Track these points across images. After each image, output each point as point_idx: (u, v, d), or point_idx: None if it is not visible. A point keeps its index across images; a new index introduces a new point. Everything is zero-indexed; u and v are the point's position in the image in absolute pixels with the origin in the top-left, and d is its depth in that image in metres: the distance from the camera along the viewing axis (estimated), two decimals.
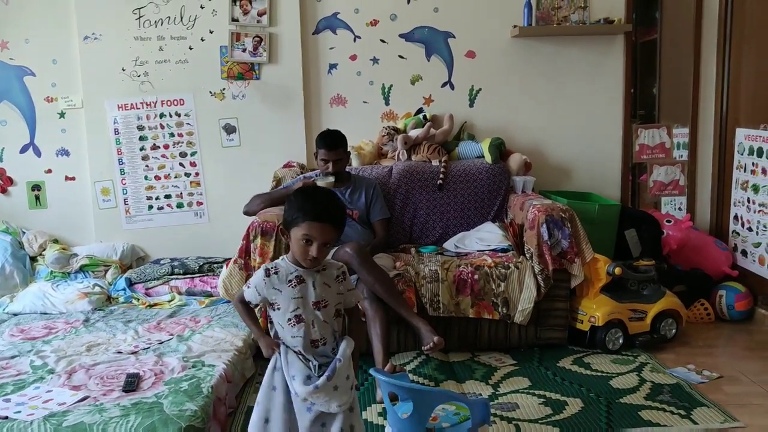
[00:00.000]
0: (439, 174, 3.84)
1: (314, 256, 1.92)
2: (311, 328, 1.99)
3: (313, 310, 1.98)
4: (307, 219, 1.91)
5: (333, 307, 2.01)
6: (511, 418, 2.59)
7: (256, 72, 4.11)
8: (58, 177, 4.24)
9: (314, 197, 1.98)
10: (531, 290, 3.20)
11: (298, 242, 1.94)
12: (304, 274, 1.99)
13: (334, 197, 2.04)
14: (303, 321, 1.99)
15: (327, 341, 2.01)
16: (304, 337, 1.99)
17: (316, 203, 1.95)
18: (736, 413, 2.58)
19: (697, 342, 3.41)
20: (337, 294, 2.02)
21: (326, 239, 1.94)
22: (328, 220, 1.93)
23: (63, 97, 4.17)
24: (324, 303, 1.99)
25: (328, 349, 2.01)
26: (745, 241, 3.87)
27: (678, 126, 4.27)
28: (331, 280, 2.02)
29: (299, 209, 1.94)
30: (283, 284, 1.99)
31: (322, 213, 1.93)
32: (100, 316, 3.56)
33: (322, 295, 1.99)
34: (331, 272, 2.02)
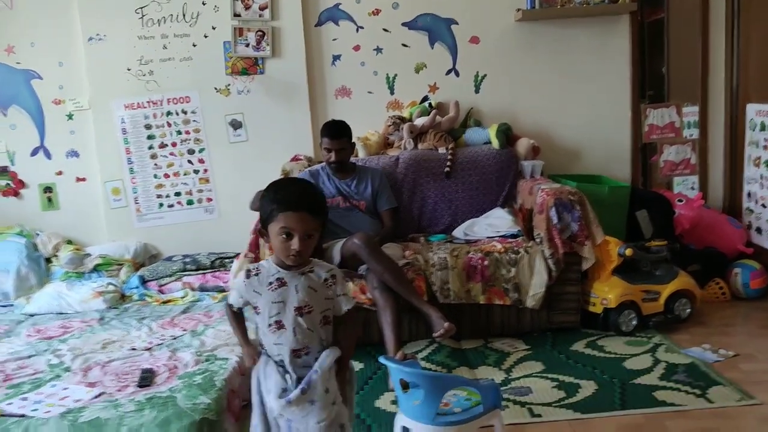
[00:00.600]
0: (446, 162, 3.83)
1: (297, 249, 1.76)
2: (293, 336, 1.83)
3: (295, 316, 1.81)
4: (281, 210, 1.76)
5: (319, 313, 1.84)
6: (524, 402, 2.59)
7: (260, 66, 4.12)
8: (69, 178, 4.28)
9: (287, 186, 1.85)
10: (542, 275, 3.18)
11: (277, 238, 1.78)
12: (287, 276, 1.83)
13: (310, 184, 1.91)
14: (284, 327, 1.83)
15: (311, 351, 1.84)
16: (286, 345, 1.83)
17: (289, 191, 1.81)
18: (753, 391, 2.56)
19: (712, 321, 3.38)
20: (324, 299, 1.85)
21: (307, 230, 1.77)
22: (305, 208, 1.77)
23: (70, 98, 4.20)
24: (308, 308, 1.82)
25: (312, 359, 1.85)
26: (759, 218, 3.83)
27: (688, 104, 4.22)
28: (318, 283, 1.84)
29: (272, 201, 1.78)
30: (263, 287, 1.84)
31: (297, 201, 1.77)
32: (114, 314, 3.59)
33: (306, 299, 1.82)
34: (318, 274, 1.85)
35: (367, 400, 2.69)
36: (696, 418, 2.39)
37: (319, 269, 1.86)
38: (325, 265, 1.89)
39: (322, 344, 1.85)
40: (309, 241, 1.79)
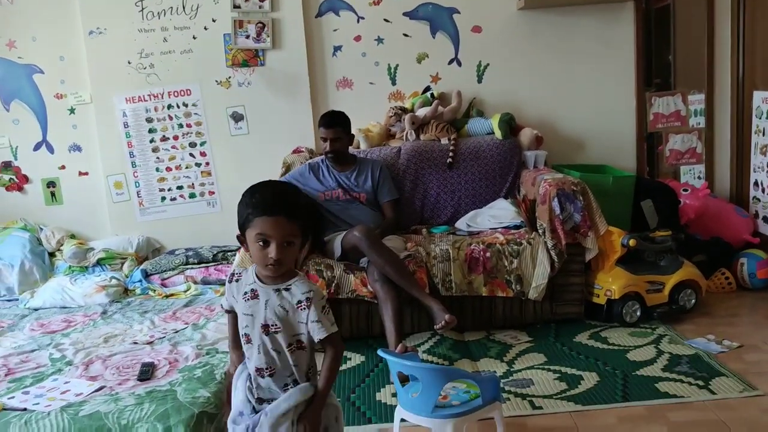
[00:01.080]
0: (448, 152, 3.80)
1: (274, 257, 1.62)
2: (257, 354, 1.71)
3: (261, 333, 1.69)
4: (257, 215, 1.62)
5: (289, 336, 1.68)
6: (526, 394, 2.57)
7: (260, 58, 4.10)
8: (72, 173, 4.29)
9: (262, 189, 1.68)
10: (544, 266, 3.16)
11: (254, 245, 1.65)
12: (261, 289, 1.70)
13: (289, 186, 1.76)
14: (251, 343, 1.72)
15: (276, 374, 1.70)
16: (251, 362, 1.73)
17: (265, 194, 1.66)
18: (756, 381, 2.53)
19: (717, 312, 3.35)
20: (297, 323, 1.68)
21: (285, 235, 1.63)
22: (282, 212, 1.62)
23: (72, 93, 4.21)
24: (274, 328, 1.68)
25: (276, 384, 1.72)
26: (765, 207, 3.78)
27: (694, 92, 4.17)
28: (290, 305, 1.68)
29: (247, 205, 1.66)
30: (239, 295, 1.74)
31: (273, 204, 1.63)
32: (117, 308, 3.60)
33: (273, 319, 1.68)
34: (294, 294, 1.68)
35: (368, 393, 2.68)
36: (698, 410, 2.37)
37: (297, 288, 1.69)
38: (307, 284, 1.70)
39: (293, 370, 1.70)
40: (289, 248, 1.65)
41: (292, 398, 1.69)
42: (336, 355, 1.74)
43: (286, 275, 1.70)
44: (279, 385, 1.72)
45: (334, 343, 1.72)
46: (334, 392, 1.81)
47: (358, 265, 3.21)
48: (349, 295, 3.12)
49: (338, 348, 1.74)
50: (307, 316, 1.67)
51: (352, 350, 3.13)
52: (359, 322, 3.20)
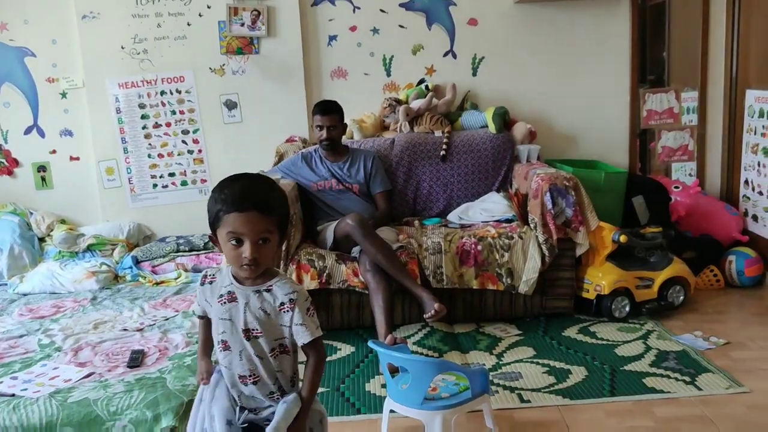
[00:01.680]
0: (442, 145, 3.80)
1: (249, 257, 1.50)
2: (238, 360, 1.60)
3: (242, 338, 1.58)
4: (227, 211, 1.50)
5: (271, 341, 1.58)
6: (514, 387, 2.59)
7: (255, 46, 4.07)
8: (63, 157, 4.26)
9: (231, 183, 1.55)
10: (535, 260, 3.17)
11: (226, 245, 1.53)
12: (239, 291, 1.59)
13: (261, 179, 1.61)
14: (230, 349, 1.61)
15: (260, 381, 1.61)
16: (232, 370, 1.62)
17: (234, 189, 1.52)
18: (742, 378, 2.56)
19: (705, 308, 3.38)
20: (279, 326, 1.58)
21: (259, 232, 1.51)
22: (254, 207, 1.50)
23: (64, 77, 4.17)
24: (255, 333, 1.58)
25: (260, 391, 1.62)
26: (755, 205, 3.81)
27: (687, 90, 4.18)
28: (272, 307, 1.58)
29: (216, 202, 1.53)
30: (214, 298, 1.63)
31: (243, 199, 1.50)
32: (107, 294, 3.59)
33: (254, 323, 1.57)
34: (275, 296, 1.57)
35: (357, 384, 2.69)
36: (684, 405, 2.40)
37: (279, 289, 1.58)
38: (290, 285, 1.59)
39: (276, 376, 1.61)
40: (265, 246, 1.53)
41: (288, 416, 1.58)
42: (319, 361, 1.64)
43: (266, 275, 1.60)
44: (263, 393, 1.62)
45: (317, 348, 1.63)
46: (317, 397, 1.73)
47: (349, 255, 3.21)
48: (340, 285, 3.13)
49: (321, 353, 1.64)
50: (290, 318, 1.57)
51: (343, 341, 3.13)
52: (350, 312, 3.20)
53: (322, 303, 3.19)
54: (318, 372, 1.65)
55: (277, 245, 1.58)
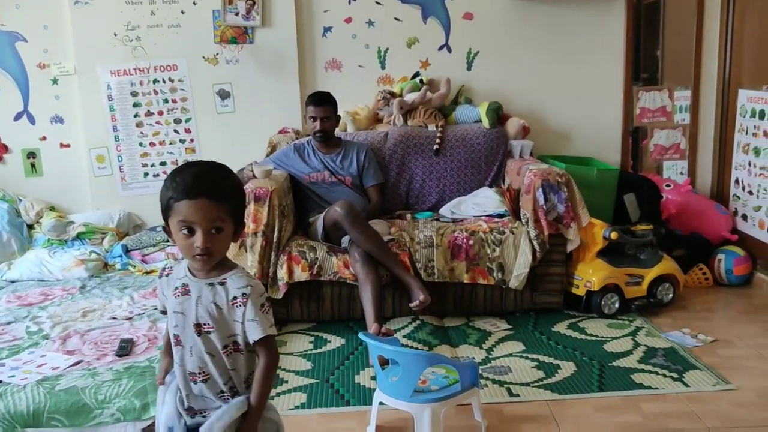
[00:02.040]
0: (435, 139, 3.80)
1: (201, 246, 1.43)
2: (189, 356, 1.53)
3: (193, 333, 1.51)
4: (177, 198, 1.43)
5: (223, 337, 1.51)
6: (503, 381, 2.60)
7: (249, 36, 4.05)
8: (53, 144, 4.22)
9: (182, 169, 1.48)
10: (526, 255, 3.18)
11: (178, 234, 1.46)
12: (192, 284, 1.52)
13: (213, 165, 1.52)
14: (182, 345, 1.53)
15: (210, 379, 1.53)
16: (183, 366, 1.54)
17: (186, 175, 1.45)
18: (729, 376, 2.58)
19: (694, 306, 3.40)
20: (232, 321, 1.50)
21: (211, 220, 1.44)
22: (205, 193, 1.43)
23: (55, 63, 4.12)
24: (206, 328, 1.50)
25: (210, 390, 1.54)
26: (745, 205, 3.83)
27: (680, 88, 4.19)
28: (224, 301, 1.50)
29: (167, 189, 1.46)
30: (169, 290, 1.56)
31: (193, 186, 1.43)
32: (96, 282, 3.57)
33: (205, 317, 1.50)
34: (228, 290, 1.50)
35: (347, 376, 2.69)
36: (671, 402, 2.41)
37: (233, 282, 1.50)
38: (244, 278, 1.51)
39: (230, 375, 1.54)
40: (218, 236, 1.46)
41: (225, 417, 1.50)
42: (270, 362, 1.53)
43: (221, 267, 1.53)
44: (213, 392, 1.54)
45: (269, 347, 1.53)
46: (273, 404, 1.63)
47: (340, 245, 3.21)
48: (331, 277, 3.12)
49: (273, 354, 1.54)
50: (243, 313, 1.49)
51: (333, 332, 3.13)
52: (341, 304, 3.20)
53: (313, 295, 3.19)
54: (269, 375, 1.54)
55: (231, 235, 1.51)
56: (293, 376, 2.71)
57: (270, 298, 3.12)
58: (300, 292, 3.18)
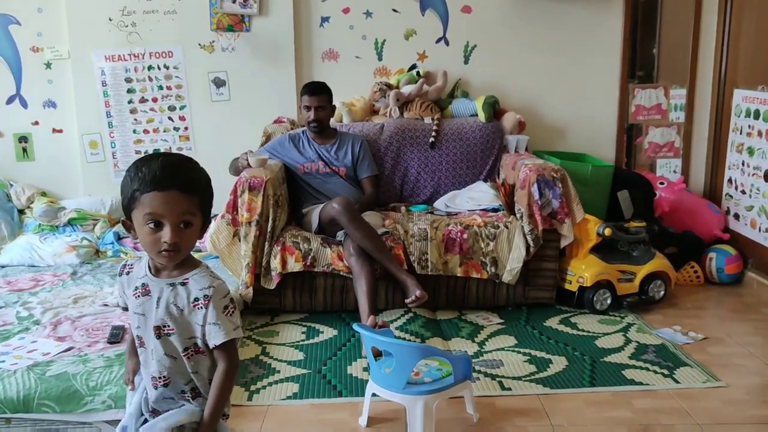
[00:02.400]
0: (431, 132, 3.79)
1: (169, 242, 1.35)
2: (151, 359, 1.47)
3: (153, 336, 1.44)
4: (145, 190, 1.35)
5: (184, 339, 1.43)
6: (495, 375, 2.60)
7: (246, 24, 4.02)
8: (46, 129, 4.18)
9: (150, 161, 1.38)
10: (520, 250, 3.18)
11: (143, 229, 1.37)
12: (153, 283, 1.44)
13: (181, 157, 1.46)
14: (144, 346, 1.48)
15: (171, 384, 1.47)
16: (146, 367, 1.50)
17: (153, 167, 1.36)
18: (719, 373, 2.60)
19: (685, 304, 3.42)
20: (194, 323, 1.42)
21: (180, 214, 1.36)
22: (176, 185, 1.36)
23: (49, 47, 4.08)
24: (167, 330, 1.43)
25: (172, 393, 1.48)
26: (737, 204, 3.85)
27: (676, 87, 4.20)
28: (185, 302, 1.42)
29: (132, 181, 1.37)
30: (129, 290, 1.49)
31: (164, 177, 1.35)
32: (87, 269, 3.55)
33: (166, 319, 1.42)
34: (189, 291, 1.42)
35: (339, 367, 2.69)
36: (662, 398, 2.43)
37: (195, 283, 1.43)
38: (208, 279, 1.43)
39: (192, 379, 1.47)
40: (187, 231, 1.38)
41: (170, 419, 1.44)
42: (229, 370, 1.45)
43: (185, 266, 1.45)
44: (175, 392, 1.48)
45: (229, 353, 1.44)
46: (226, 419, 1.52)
47: (334, 238, 3.20)
48: (324, 268, 3.11)
49: (234, 361, 1.45)
50: (204, 316, 1.41)
51: (325, 324, 3.13)
52: (333, 296, 3.20)
53: (306, 286, 3.18)
54: (226, 384, 1.45)
55: (199, 230, 1.43)
56: (285, 366, 2.70)
57: (263, 288, 3.13)
58: (293, 283, 3.18)
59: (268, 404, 2.41)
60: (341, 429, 2.26)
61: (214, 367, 1.47)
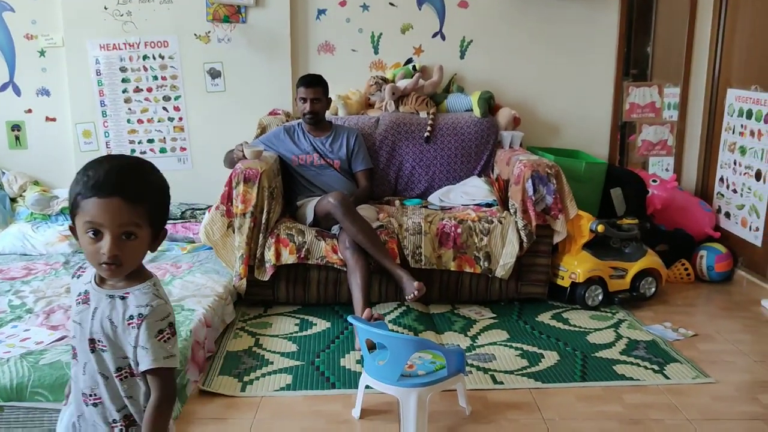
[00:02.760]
0: (426, 126, 3.80)
1: (107, 254, 1.23)
2: (82, 374, 1.34)
3: (88, 348, 1.32)
4: (86, 196, 1.23)
5: (117, 358, 1.31)
6: (488, 368, 2.62)
7: (242, 15, 4.00)
8: (39, 117, 4.15)
9: (98, 164, 1.26)
10: (513, 245, 3.20)
11: (83, 238, 1.26)
12: (94, 292, 1.33)
13: (134, 161, 1.32)
14: (77, 359, 1.36)
15: (100, 404, 1.34)
16: (76, 383, 1.37)
17: (99, 170, 1.24)
18: (708, 370, 2.63)
19: (675, 301, 3.45)
20: (127, 344, 1.29)
21: (122, 224, 1.23)
22: (118, 192, 1.23)
23: (43, 34, 4.04)
24: (100, 345, 1.31)
25: (100, 417, 1.35)
26: (729, 203, 3.88)
27: (670, 85, 4.23)
28: (120, 318, 1.29)
29: (76, 183, 1.26)
30: (74, 295, 1.38)
31: (107, 183, 1.23)
32: (80, 258, 3.53)
33: (99, 333, 1.30)
34: (127, 306, 1.29)
35: (332, 359, 2.70)
36: (652, 393, 2.45)
37: (135, 299, 1.29)
38: (149, 296, 1.29)
39: (124, 402, 1.34)
40: (131, 243, 1.26)
41: None
42: (161, 402, 1.30)
43: (133, 279, 1.31)
44: (104, 420, 1.35)
45: (162, 382, 1.29)
46: None
47: (329, 232, 3.20)
48: (318, 261, 3.12)
49: (166, 392, 1.30)
50: (136, 337, 1.27)
51: (319, 316, 3.14)
52: (327, 288, 3.20)
53: (300, 278, 3.19)
54: (157, 417, 1.30)
55: (148, 243, 1.29)
56: (279, 357, 2.71)
57: (257, 280, 3.13)
58: (287, 275, 3.18)
59: (261, 395, 2.42)
60: (334, 420, 2.27)
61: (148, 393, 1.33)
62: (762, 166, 3.57)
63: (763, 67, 3.63)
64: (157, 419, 1.30)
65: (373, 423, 2.26)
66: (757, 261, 3.63)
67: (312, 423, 2.26)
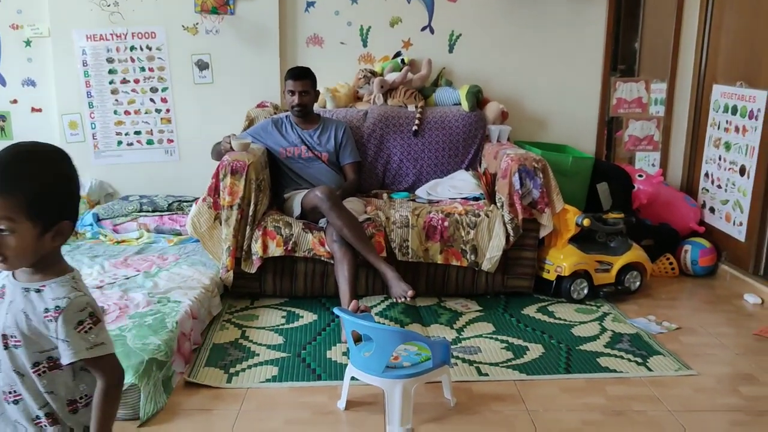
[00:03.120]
0: (414, 120, 3.80)
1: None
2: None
3: (1, 345, 1.28)
4: None
5: (32, 353, 1.27)
6: (473, 360, 2.64)
7: (230, 6, 3.98)
8: (24, 108, 4.12)
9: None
10: (500, 239, 3.21)
11: None
12: (10, 285, 1.29)
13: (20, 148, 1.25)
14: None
15: (21, 401, 1.30)
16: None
17: None
18: (691, 362, 2.66)
19: (659, 295, 3.48)
20: (47, 336, 1.25)
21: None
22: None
23: (29, 24, 4.01)
24: (13, 341, 1.26)
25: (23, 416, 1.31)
26: (713, 198, 3.92)
27: (657, 81, 4.26)
28: (35, 312, 1.25)
29: None
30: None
31: None
32: (66, 250, 3.47)
33: (13, 328, 1.26)
34: (44, 299, 1.25)
35: (318, 351, 2.71)
36: (635, 385, 2.48)
37: (52, 291, 1.25)
38: (65, 289, 1.26)
39: (45, 399, 1.30)
40: (8, 238, 1.20)
41: None
42: (107, 388, 1.29)
43: (50, 272, 1.28)
44: (26, 417, 1.31)
45: (102, 368, 1.28)
46: None
47: (317, 225, 3.21)
48: (305, 253, 3.12)
49: (109, 376, 1.29)
50: (56, 330, 1.24)
51: (305, 308, 3.15)
52: (314, 281, 3.21)
53: (287, 270, 3.19)
54: (105, 403, 1.29)
55: (34, 236, 1.22)
56: (265, 349, 2.71)
57: (243, 272, 3.13)
58: (274, 267, 3.18)
59: (247, 387, 2.42)
60: (320, 412, 2.28)
61: (76, 386, 1.33)
62: (746, 162, 3.61)
63: (749, 64, 3.66)
64: (104, 404, 1.30)
65: (358, 414, 2.27)
66: (740, 256, 3.68)
67: (297, 414, 2.27)
